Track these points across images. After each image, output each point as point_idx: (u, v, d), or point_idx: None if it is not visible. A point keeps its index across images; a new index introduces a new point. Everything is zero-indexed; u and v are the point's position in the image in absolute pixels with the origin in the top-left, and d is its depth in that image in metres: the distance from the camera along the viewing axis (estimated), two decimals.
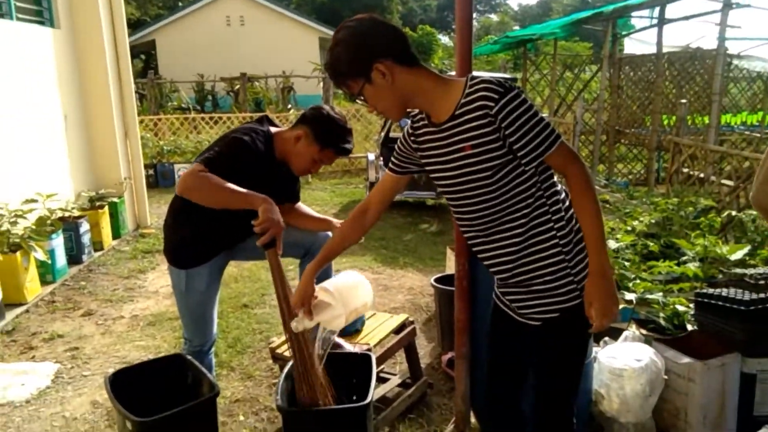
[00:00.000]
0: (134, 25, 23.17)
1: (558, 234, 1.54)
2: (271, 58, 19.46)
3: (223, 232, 2.31)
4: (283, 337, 2.60)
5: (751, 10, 6.84)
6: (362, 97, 1.55)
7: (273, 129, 2.34)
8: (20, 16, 5.16)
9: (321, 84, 14.90)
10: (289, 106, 14.46)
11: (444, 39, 32.54)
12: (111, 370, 3.09)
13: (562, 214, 1.55)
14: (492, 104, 1.43)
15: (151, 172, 8.90)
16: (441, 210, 7.19)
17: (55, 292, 4.58)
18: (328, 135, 2.24)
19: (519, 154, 1.46)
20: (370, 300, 2.00)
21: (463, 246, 2.37)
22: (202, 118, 11.07)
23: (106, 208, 5.77)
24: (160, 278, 4.89)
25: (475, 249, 1.67)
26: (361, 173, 9.64)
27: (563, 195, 1.59)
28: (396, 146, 1.75)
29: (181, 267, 2.34)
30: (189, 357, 2.26)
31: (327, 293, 1.89)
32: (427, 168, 1.66)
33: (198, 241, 2.24)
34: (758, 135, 8.42)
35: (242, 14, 21.85)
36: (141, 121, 9.10)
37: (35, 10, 5.44)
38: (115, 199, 5.96)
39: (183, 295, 2.38)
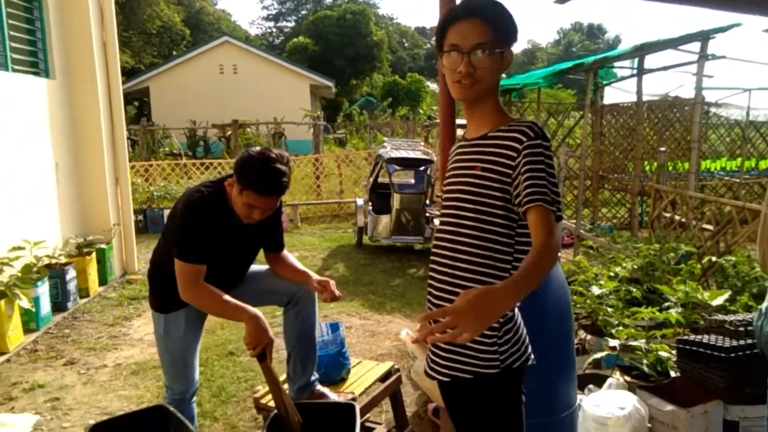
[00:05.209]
0: (129, 73, 23.57)
1: None
2: (263, 104, 19.80)
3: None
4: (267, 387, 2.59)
5: (726, 61, 7.12)
6: (478, 52, 1.48)
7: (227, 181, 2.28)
8: (16, 67, 5.26)
9: (311, 130, 15.17)
10: None
11: (432, 86, 33.28)
12: (92, 422, 3.05)
13: None
14: (524, 139, 1.46)
15: (140, 217, 8.92)
16: (428, 255, 7.21)
17: (38, 341, 4.52)
18: (245, 176, 2.14)
19: (514, 193, 1.46)
20: None
21: None
22: (193, 164, 11.16)
23: (94, 254, 5.75)
24: (145, 325, 4.85)
25: (432, 274, 1.68)
26: (351, 218, 9.69)
27: None
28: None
29: (160, 311, 2.37)
30: (171, 408, 2.24)
31: None
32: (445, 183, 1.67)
33: (175, 284, 2.22)
34: (737, 180, 8.62)
35: (235, 63, 22.35)
36: (132, 167, 9.16)
37: (31, 61, 5.56)
38: (103, 246, 5.95)
39: (162, 339, 2.40)
